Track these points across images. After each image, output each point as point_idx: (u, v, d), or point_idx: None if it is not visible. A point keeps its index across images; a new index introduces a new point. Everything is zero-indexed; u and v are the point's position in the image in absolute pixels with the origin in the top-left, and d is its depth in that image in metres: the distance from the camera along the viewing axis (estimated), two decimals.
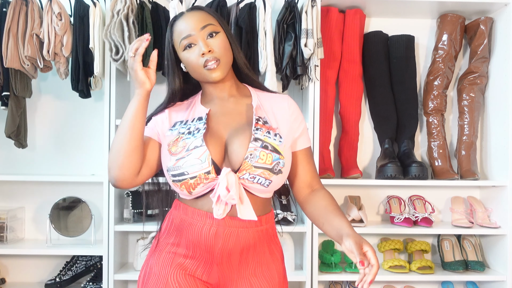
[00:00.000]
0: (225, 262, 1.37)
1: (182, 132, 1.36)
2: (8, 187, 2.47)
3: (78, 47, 2.17)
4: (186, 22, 1.37)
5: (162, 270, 1.36)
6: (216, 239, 1.33)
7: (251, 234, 1.36)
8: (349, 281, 2.45)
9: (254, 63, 2.24)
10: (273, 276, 1.41)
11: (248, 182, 1.31)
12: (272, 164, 1.31)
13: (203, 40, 1.34)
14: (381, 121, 2.50)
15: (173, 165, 1.31)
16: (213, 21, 1.38)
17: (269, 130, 1.35)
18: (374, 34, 2.51)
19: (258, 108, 1.40)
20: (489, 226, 2.38)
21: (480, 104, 2.52)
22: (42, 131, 2.49)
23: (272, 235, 1.45)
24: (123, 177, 1.34)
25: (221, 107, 1.41)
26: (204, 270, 1.38)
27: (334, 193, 2.56)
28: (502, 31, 2.44)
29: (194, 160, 1.29)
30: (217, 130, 1.37)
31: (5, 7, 2.17)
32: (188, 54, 1.36)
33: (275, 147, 1.32)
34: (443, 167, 2.46)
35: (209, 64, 1.34)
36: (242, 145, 1.32)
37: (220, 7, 2.23)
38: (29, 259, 2.48)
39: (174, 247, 1.39)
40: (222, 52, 1.35)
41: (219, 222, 1.33)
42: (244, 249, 1.36)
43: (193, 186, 1.31)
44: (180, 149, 1.32)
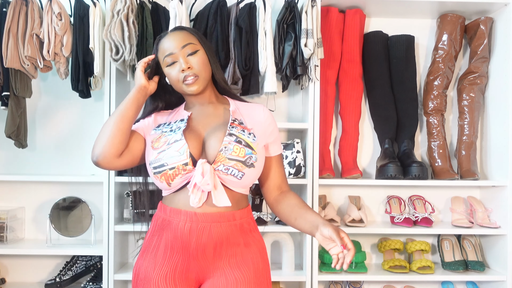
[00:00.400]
0: (201, 256, 1.48)
1: (165, 131, 1.53)
2: (8, 187, 2.48)
3: (78, 47, 2.17)
4: (170, 41, 1.55)
5: (147, 275, 1.50)
6: (191, 234, 1.46)
7: (223, 229, 1.47)
8: (349, 281, 2.45)
9: (254, 63, 2.24)
10: (248, 266, 1.50)
11: (222, 173, 1.45)
12: (244, 157, 1.45)
13: (184, 58, 1.52)
14: (381, 121, 2.50)
15: (155, 158, 1.47)
16: (193, 40, 1.55)
17: (244, 129, 1.52)
18: (374, 34, 2.51)
19: (234, 111, 1.57)
20: (489, 226, 2.38)
21: (480, 104, 2.52)
22: (42, 131, 2.49)
23: (248, 230, 1.55)
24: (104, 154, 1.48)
25: (202, 111, 1.59)
26: (183, 267, 1.49)
27: (334, 193, 2.59)
28: (502, 31, 2.44)
29: (173, 152, 1.45)
30: (197, 129, 1.54)
31: (5, 7, 2.17)
32: (170, 70, 1.54)
33: (248, 143, 1.47)
34: (443, 167, 2.46)
35: (188, 79, 1.51)
36: (218, 140, 1.48)
37: (220, 7, 2.23)
38: (29, 259, 2.48)
39: (155, 249, 1.51)
40: (200, 68, 1.53)
41: (193, 217, 1.46)
42: (217, 243, 1.47)
43: (172, 177, 1.45)
44: (162, 144, 1.48)
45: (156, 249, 1.51)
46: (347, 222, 2.38)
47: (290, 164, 2.37)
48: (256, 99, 2.53)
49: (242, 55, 2.20)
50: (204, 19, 2.24)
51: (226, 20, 2.25)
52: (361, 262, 2.40)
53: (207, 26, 2.23)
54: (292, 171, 2.36)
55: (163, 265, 1.49)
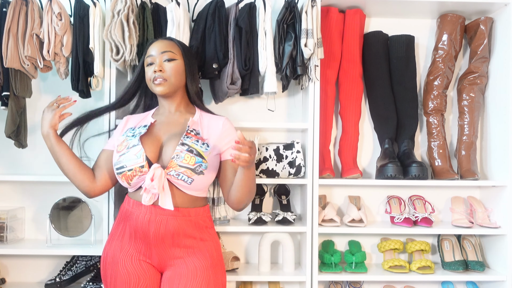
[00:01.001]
0: (160, 245, 1.67)
1: (128, 135, 1.73)
2: (8, 187, 2.48)
3: (78, 47, 2.17)
4: (154, 45, 1.79)
5: (114, 258, 1.69)
6: (150, 225, 1.65)
7: (179, 222, 1.66)
8: (349, 281, 2.45)
9: (253, 63, 2.24)
10: (205, 257, 1.68)
11: (173, 178, 1.63)
12: (194, 165, 1.62)
13: (160, 61, 1.75)
14: (381, 121, 2.50)
15: (117, 160, 1.68)
16: (175, 50, 1.78)
17: (198, 139, 1.68)
18: (374, 34, 2.51)
19: (193, 122, 1.74)
20: (489, 226, 2.38)
21: (480, 104, 2.52)
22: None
23: (204, 226, 1.74)
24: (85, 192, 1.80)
25: (167, 118, 1.78)
26: (146, 252, 1.69)
27: (334, 193, 2.59)
28: (502, 31, 2.44)
29: (131, 156, 1.64)
30: (157, 135, 1.73)
31: (5, 7, 2.17)
32: (147, 69, 1.78)
33: (199, 152, 1.64)
34: (443, 167, 2.46)
35: (157, 80, 1.74)
36: (172, 148, 1.66)
37: (218, 7, 2.23)
38: (29, 259, 2.48)
39: (121, 234, 1.72)
40: (171, 74, 1.74)
41: (152, 210, 1.65)
42: (175, 234, 1.66)
43: (130, 177, 1.65)
44: (123, 148, 1.68)
45: (122, 235, 1.71)
46: (347, 222, 2.38)
47: (290, 164, 2.37)
48: (256, 99, 2.53)
49: (241, 55, 2.20)
50: (202, 20, 2.24)
51: (224, 21, 2.25)
52: (361, 262, 2.40)
53: (206, 26, 2.23)
54: (292, 171, 2.36)
55: (129, 249, 1.68)
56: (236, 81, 2.21)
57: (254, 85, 2.25)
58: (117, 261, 1.68)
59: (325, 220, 2.40)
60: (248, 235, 2.55)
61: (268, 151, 2.44)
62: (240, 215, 2.55)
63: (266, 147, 2.46)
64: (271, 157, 2.43)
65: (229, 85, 2.20)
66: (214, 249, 1.73)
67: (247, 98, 2.54)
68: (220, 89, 2.27)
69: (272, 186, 2.55)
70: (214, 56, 2.21)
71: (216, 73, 2.24)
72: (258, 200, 2.49)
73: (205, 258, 1.68)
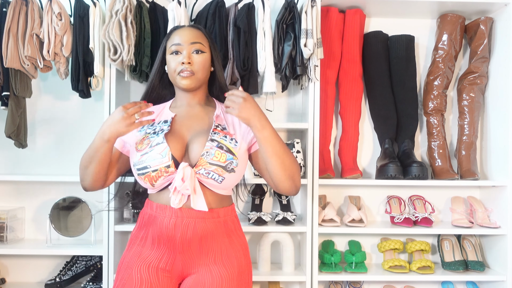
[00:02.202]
0: (186, 251, 1.54)
1: (149, 132, 1.58)
2: (8, 187, 2.48)
3: (78, 47, 2.17)
4: (182, 33, 1.63)
5: (130, 262, 1.56)
6: (176, 229, 1.52)
7: (208, 225, 1.53)
8: (349, 281, 2.45)
9: (252, 64, 2.24)
10: (233, 265, 1.56)
11: (203, 177, 1.51)
12: (225, 163, 1.51)
13: (188, 53, 1.60)
14: (381, 121, 2.50)
15: (138, 160, 1.53)
16: (204, 42, 1.64)
17: (226, 135, 1.56)
18: (374, 34, 2.51)
19: (218, 116, 1.63)
20: (489, 226, 2.38)
21: (480, 104, 2.52)
22: (42, 131, 2.49)
23: (233, 228, 1.61)
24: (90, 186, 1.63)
25: (187, 112, 1.65)
26: (168, 259, 1.55)
27: (334, 193, 2.58)
28: (502, 31, 2.44)
29: (155, 155, 1.50)
30: (180, 131, 1.59)
31: (5, 7, 2.17)
32: (172, 59, 1.62)
33: (229, 148, 1.53)
34: (443, 167, 2.46)
35: (183, 73, 1.59)
36: (200, 144, 1.53)
37: (219, 7, 2.23)
38: (29, 259, 2.48)
39: (143, 240, 1.58)
40: (199, 68, 1.60)
41: (178, 213, 1.52)
42: (202, 238, 1.53)
43: (155, 178, 1.51)
44: (145, 146, 1.54)
45: (143, 241, 1.57)
46: (347, 222, 2.38)
47: None
48: (256, 99, 2.53)
49: (240, 55, 2.20)
50: (203, 20, 2.24)
51: (225, 21, 2.25)
52: (361, 262, 2.40)
53: (206, 26, 2.23)
54: None
55: (149, 256, 1.55)
56: (235, 81, 2.21)
57: (253, 85, 2.25)
58: (132, 266, 1.54)
59: (325, 220, 2.40)
60: (248, 235, 2.55)
61: None
62: (240, 215, 2.55)
63: None
64: None
65: (229, 86, 2.20)
66: (243, 254, 1.60)
67: None
68: None
69: None
70: None
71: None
72: (258, 200, 2.49)
73: (232, 266, 1.55)
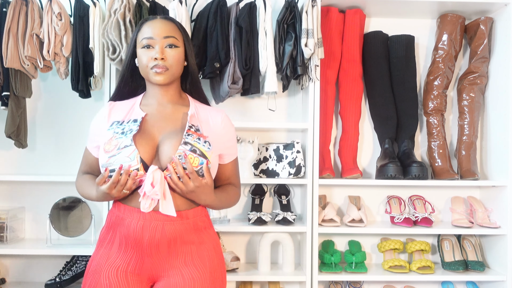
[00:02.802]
0: (154, 254, 1.49)
1: (117, 132, 1.51)
2: (8, 187, 2.47)
3: (78, 47, 2.17)
4: (154, 26, 1.54)
5: (98, 267, 1.51)
6: (144, 232, 1.47)
7: (176, 227, 1.48)
8: (349, 281, 2.45)
9: (254, 63, 2.24)
10: (205, 265, 1.52)
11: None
12: (198, 167, 1.45)
13: (161, 48, 1.52)
14: (381, 121, 2.50)
15: (106, 162, 1.45)
16: (177, 36, 1.56)
17: (200, 137, 1.50)
18: (374, 34, 2.51)
19: (192, 116, 1.56)
20: (489, 226, 2.38)
21: (480, 104, 2.52)
22: (42, 131, 2.49)
23: (203, 227, 1.56)
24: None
25: (159, 112, 1.57)
26: (136, 263, 1.50)
27: (334, 193, 2.58)
28: (502, 31, 2.44)
29: (123, 158, 1.43)
30: (151, 132, 1.52)
31: (5, 7, 2.17)
32: (143, 53, 1.53)
33: (203, 152, 1.46)
34: (443, 167, 2.46)
35: (157, 69, 1.51)
36: (172, 147, 1.47)
37: (220, 6, 2.23)
38: (29, 259, 2.48)
39: (110, 243, 1.53)
40: (172, 63, 1.53)
41: (146, 216, 1.47)
42: (171, 241, 1.48)
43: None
44: (113, 147, 1.46)
45: (111, 243, 1.52)
46: (347, 222, 2.38)
47: (290, 164, 2.37)
48: (256, 98, 2.53)
49: (242, 54, 2.20)
50: (204, 19, 2.24)
51: (226, 20, 2.25)
52: (361, 262, 2.40)
53: (207, 26, 2.23)
54: (292, 171, 2.36)
55: (117, 259, 1.50)
56: (237, 80, 2.21)
57: (255, 85, 2.25)
58: (100, 271, 1.49)
59: (325, 220, 2.40)
60: (248, 235, 2.55)
61: (268, 151, 2.45)
62: (240, 215, 2.55)
63: (266, 147, 2.46)
64: (271, 157, 2.43)
65: (231, 85, 2.20)
66: (214, 252, 1.56)
67: (247, 98, 2.54)
68: (221, 89, 2.27)
69: (272, 186, 2.55)
70: (215, 56, 2.21)
71: (218, 73, 2.24)
72: (258, 200, 2.49)
73: (204, 266, 1.51)
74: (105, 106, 1.62)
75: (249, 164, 2.38)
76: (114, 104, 1.62)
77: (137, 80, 1.65)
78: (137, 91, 1.67)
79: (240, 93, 2.34)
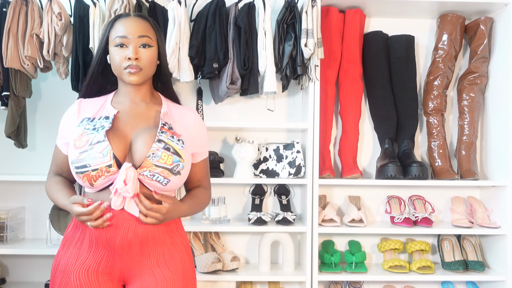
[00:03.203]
0: (126, 254, 1.46)
1: (88, 128, 1.48)
2: (8, 187, 2.47)
3: (78, 47, 2.17)
4: (128, 24, 1.50)
5: (68, 267, 1.48)
6: (116, 231, 1.44)
7: (149, 227, 1.47)
8: (349, 281, 2.45)
9: (253, 63, 2.24)
10: (177, 265, 1.51)
11: (147, 179, 1.43)
12: (172, 165, 1.44)
13: (135, 47, 1.48)
14: (381, 121, 2.50)
15: (76, 158, 1.43)
16: (151, 35, 1.52)
17: (173, 135, 1.49)
18: (374, 34, 2.51)
19: (165, 114, 1.54)
20: (489, 226, 2.38)
21: (480, 104, 2.52)
22: (42, 131, 2.49)
23: (174, 229, 1.55)
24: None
25: (131, 110, 1.54)
26: (107, 263, 1.47)
27: (334, 193, 2.58)
28: (502, 31, 2.44)
29: (96, 154, 1.41)
30: (123, 129, 1.49)
31: (5, 7, 2.17)
32: (116, 52, 1.49)
33: (176, 150, 1.46)
34: (443, 167, 2.46)
35: (130, 69, 1.47)
36: (145, 145, 1.45)
37: (219, 7, 2.23)
38: (29, 259, 2.48)
39: (79, 242, 1.49)
40: (146, 64, 1.49)
41: (119, 215, 1.44)
42: (143, 240, 1.47)
43: (95, 178, 1.42)
44: (84, 143, 1.44)
45: (80, 242, 1.49)
46: (347, 222, 2.38)
47: (290, 164, 2.37)
48: (256, 99, 2.53)
49: (241, 54, 2.20)
50: (203, 19, 2.24)
51: (225, 20, 2.25)
52: (361, 262, 2.40)
53: (206, 26, 2.23)
54: (292, 171, 2.36)
55: (87, 259, 1.47)
56: (236, 81, 2.21)
57: (253, 85, 2.25)
58: (70, 272, 1.46)
59: (325, 220, 2.40)
60: (248, 235, 2.54)
61: (268, 151, 2.44)
62: (240, 215, 2.55)
63: (266, 147, 2.46)
64: (271, 157, 2.43)
65: (229, 85, 2.20)
66: (186, 254, 1.56)
67: (247, 98, 2.54)
68: (220, 89, 2.27)
69: (272, 186, 2.55)
70: (214, 56, 2.21)
71: (217, 73, 2.24)
72: (258, 200, 2.49)
73: (177, 266, 1.50)
74: (75, 103, 1.58)
75: (249, 164, 2.38)
76: (83, 101, 1.58)
77: (107, 76, 1.60)
78: (106, 88, 1.62)
79: (239, 93, 2.34)
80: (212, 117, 2.49)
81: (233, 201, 2.52)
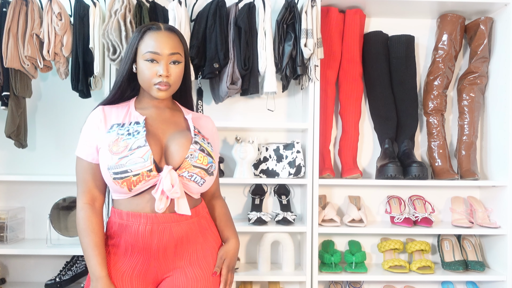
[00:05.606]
0: (161, 256, 1.50)
1: (122, 134, 1.48)
2: (8, 187, 2.48)
3: (78, 47, 2.17)
4: (160, 40, 1.50)
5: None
6: (152, 236, 1.47)
7: (183, 228, 1.50)
8: (349, 281, 2.45)
9: (253, 63, 2.24)
10: (208, 263, 1.55)
11: (185, 179, 1.48)
12: (207, 166, 1.50)
13: (166, 64, 1.50)
14: (381, 121, 2.50)
15: (116, 163, 1.42)
16: (181, 51, 1.54)
17: (204, 138, 1.57)
18: (374, 34, 2.51)
19: (193, 119, 1.61)
20: (489, 226, 2.38)
21: (480, 104, 2.52)
22: (42, 131, 2.49)
23: (207, 226, 1.59)
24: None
25: (158, 115, 1.57)
26: (142, 268, 1.50)
27: (334, 193, 2.58)
28: (502, 31, 2.44)
29: (137, 159, 1.43)
30: (156, 133, 1.52)
31: (5, 7, 2.17)
32: (147, 66, 1.50)
33: (209, 152, 1.53)
34: (443, 167, 2.46)
35: (161, 85, 1.50)
36: (182, 147, 1.49)
37: (219, 7, 2.23)
38: (29, 259, 2.48)
39: (114, 248, 1.52)
40: (175, 80, 1.53)
41: (153, 220, 1.46)
42: (178, 242, 1.50)
43: (135, 183, 1.43)
44: (122, 149, 1.44)
45: (115, 249, 1.51)
46: (347, 222, 2.38)
47: (290, 164, 2.37)
48: (256, 99, 2.53)
49: (241, 55, 2.20)
50: (203, 20, 2.24)
51: (225, 20, 2.25)
52: (361, 262, 2.40)
53: (206, 26, 2.23)
54: (292, 171, 2.36)
55: (122, 265, 1.49)
56: (236, 81, 2.21)
57: (254, 85, 2.25)
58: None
59: (325, 220, 2.40)
60: (248, 235, 2.55)
61: (268, 151, 2.45)
62: (240, 215, 2.55)
63: (266, 147, 2.46)
64: (271, 157, 2.43)
65: (229, 85, 2.20)
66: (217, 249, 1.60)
67: (247, 98, 2.54)
68: (221, 89, 2.27)
69: (272, 186, 2.55)
70: (215, 56, 2.21)
71: (217, 73, 2.24)
72: (258, 200, 2.49)
73: (208, 265, 1.54)
74: (97, 110, 1.56)
75: (249, 164, 2.38)
76: (105, 107, 1.57)
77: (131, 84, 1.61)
78: (125, 94, 1.62)
79: (240, 93, 2.34)
80: (213, 117, 2.49)
81: (233, 201, 2.52)
